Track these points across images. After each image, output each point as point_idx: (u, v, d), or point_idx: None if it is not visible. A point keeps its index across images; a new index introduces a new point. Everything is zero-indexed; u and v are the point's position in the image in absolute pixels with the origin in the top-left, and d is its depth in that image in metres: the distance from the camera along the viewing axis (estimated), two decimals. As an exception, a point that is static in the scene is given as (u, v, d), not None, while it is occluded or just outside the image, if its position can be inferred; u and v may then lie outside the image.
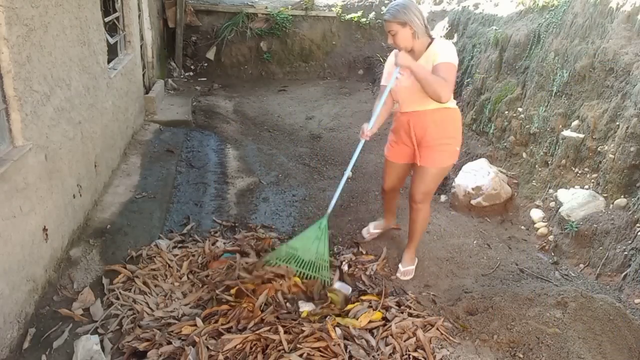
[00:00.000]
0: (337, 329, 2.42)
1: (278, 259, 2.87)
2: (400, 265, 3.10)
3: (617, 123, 3.43)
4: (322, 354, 2.25)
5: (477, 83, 5.10)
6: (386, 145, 3.10)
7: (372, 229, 3.44)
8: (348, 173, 2.98)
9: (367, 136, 2.84)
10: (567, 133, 3.80)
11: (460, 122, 2.87)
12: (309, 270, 2.83)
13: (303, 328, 2.38)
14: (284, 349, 2.26)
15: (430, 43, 2.66)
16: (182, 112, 5.83)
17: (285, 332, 2.35)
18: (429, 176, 2.85)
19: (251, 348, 2.27)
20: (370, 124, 2.85)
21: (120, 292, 2.68)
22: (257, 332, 2.34)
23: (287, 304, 2.64)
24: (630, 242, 3.02)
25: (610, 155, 3.40)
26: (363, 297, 2.73)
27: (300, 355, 2.22)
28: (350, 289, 2.85)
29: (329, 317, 2.51)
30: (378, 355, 2.31)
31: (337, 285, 2.84)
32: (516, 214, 3.89)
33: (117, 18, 4.64)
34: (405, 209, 3.95)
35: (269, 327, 2.38)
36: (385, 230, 3.47)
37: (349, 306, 2.64)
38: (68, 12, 3.00)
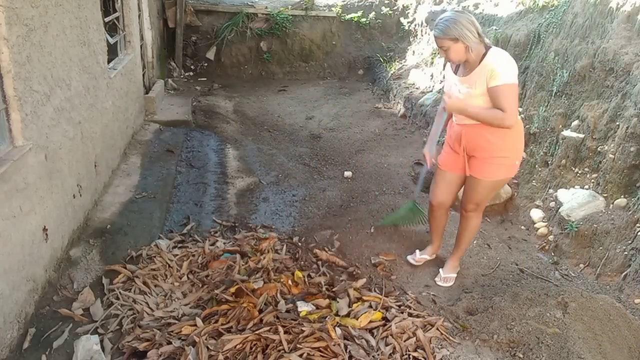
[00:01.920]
0: (337, 329, 2.42)
1: (385, 222, 3.55)
2: (441, 270, 3.06)
3: (617, 123, 3.43)
4: (322, 354, 2.25)
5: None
6: (440, 154, 2.95)
7: (418, 255, 3.21)
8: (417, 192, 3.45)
9: (433, 163, 2.88)
10: (567, 133, 3.80)
11: (522, 133, 2.69)
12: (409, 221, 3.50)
13: (303, 328, 2.38)
14: (284, 349, 2.26)
15: (485, 53, 2.51)
16: (182, 112, 5.83)
17: (285, 332, 2.35)
18: (481, 187, 2.73)
19: (251, 348, 2.27)
20: (431, 148, 2.83)
21: (120, 292, 2.68)
22: (257, 332, 2.34)
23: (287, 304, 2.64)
24: (630, 242, 3.02)
25: (610, 155, 3.40)
26: (365, 297, 2.72)
27: (300, 355, 2.22)
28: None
29: (328, 317, 2.51)
30: (378, 355, 2.31)
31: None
32: (516, 214, 3.89)
33: (117, 18, 4.64)
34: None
35: (268, 327, 2.38)
36: (432, 258, 3.23)
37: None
38: (68, 12, 3.00)
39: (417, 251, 3.25)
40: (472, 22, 2.46)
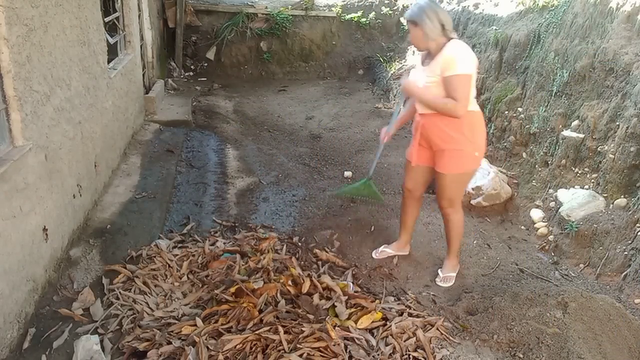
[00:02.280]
0: (337, 328, 2.41)
1: (343, 192, 3.47)
2: (439, 271, 3.07)
3: (617, 123, 3.43)
4: (322, 354, 2.25)
5: (477, 83, 5.10)
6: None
7: (381, 248, 3.27)
8: (372, 172, 3.22)
9: (386, 139, 2.97)
10: (567, 133, 3.80)
11: (480, 125, 2.74)
12: (366, 196, 3.28)
13: (303, 328, 2.38)
14: (284, 349, 2.26)
15: (445, 44, 2.59)
16: (182, 112, 5.83)
17: (285, 332, 2.35)
18: (447, 182, 2.78)
19: (251, 348, 2.27)
20: (389, 126, 2.90)
21: (120, 292, 2.68)
22: (257, 332, 2.34)
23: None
24: (630, 242, 3.02)
25: (610, 155, 3.40)
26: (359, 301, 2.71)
27: (300, 355, 2.22)
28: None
29: (328, 317, 2.51)
30: (378, 355, 2.31)
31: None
32: (516, 214, 3.89)
33: (117, 18, 4.64)
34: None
35: (268, 327, 2.38)
36: (398, 253, 3.24)
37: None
38: (68, 12, 3.00)
39: (383, 246, 3.29)
40: (436, 13, 2.55)
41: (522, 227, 3.77)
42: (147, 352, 2.25)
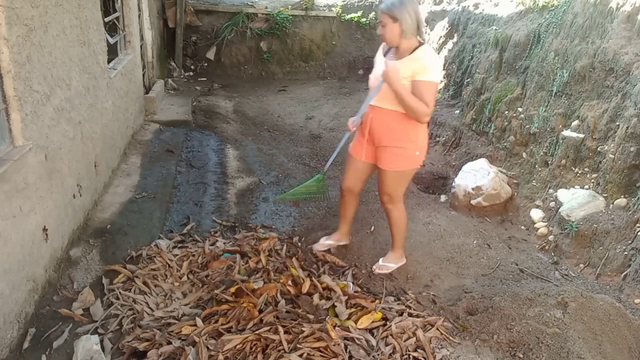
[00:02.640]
0: (337, 328, 2.42)
1: (286, 197, 3.29)
2: (381, 259, 3.12)
3: (617, 123, 3.43)
4: (322, 354, 2.25)
5: (477, 83, 5.10)
6: (352, 141, 3.01)
7: (322, 241, 3.28)
8: (332, 159, 3.05)
9: (352, 129, 2.87)
10: (567, 133, 3.80)
11: (424, 126, 2.75)
12: (311, 194, 3.12)
13: (303, 328, 2.39)
14: (284, 349, 2.26)
15: (417, 47, 2.58)
16: (182, 112, 5.83)
17: (285, 332, 2.35)
18: (387, 179, 2.82)
19: (251, 348, 2.27)
20: (357, 117, 2.85)
21: (120, 292, 2.68)
22: (257, 332, 2.34)
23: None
24: (630, 242, 3.02)
25: (610, 155, 3.40)
26: (358, 301, 2.71)
27: (300, 355, 2.22)
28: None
29: (328, 317, 2.51)
30: (378, 355, 2.31)
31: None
32: (516, 214, 3.89)
33: (117, 18, 4.64)
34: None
35: (268, 327, 2.38)
36: (338, 243, 3.28)
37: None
38: (68, 12, 3.00)
39: (323, 238, 3.29)
40: (415, 12, 2.54)
41: (522, 227, 3.77)
42: (147, 352, 2.25)
